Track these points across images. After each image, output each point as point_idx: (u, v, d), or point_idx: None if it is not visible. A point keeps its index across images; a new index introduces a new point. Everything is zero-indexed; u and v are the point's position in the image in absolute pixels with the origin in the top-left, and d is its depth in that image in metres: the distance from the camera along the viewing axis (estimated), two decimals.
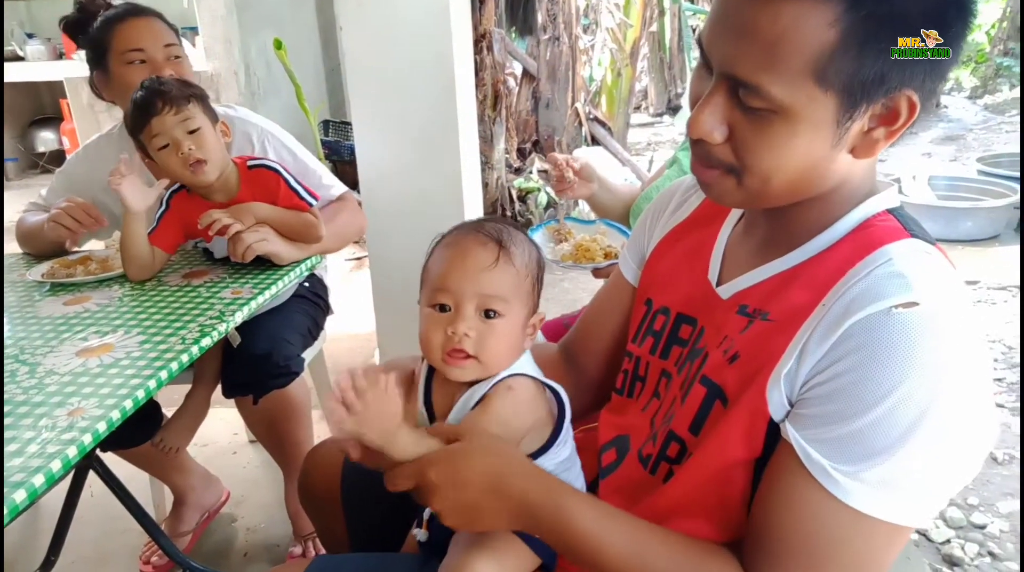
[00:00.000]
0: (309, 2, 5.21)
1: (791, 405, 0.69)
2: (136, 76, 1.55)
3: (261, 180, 1.46)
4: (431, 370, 0.90)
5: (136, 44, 1.57)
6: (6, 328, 1.26)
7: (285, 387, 1.59)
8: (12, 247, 1.75)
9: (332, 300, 1.96)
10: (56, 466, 0.87)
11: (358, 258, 3.96)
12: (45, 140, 6.20)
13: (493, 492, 0.72)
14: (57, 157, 6.12)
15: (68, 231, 1.50)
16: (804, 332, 0.68)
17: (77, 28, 1.66)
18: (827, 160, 0.67)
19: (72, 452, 0.89)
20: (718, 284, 0.82)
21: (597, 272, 1.29)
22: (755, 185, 0.70)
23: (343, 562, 0.93)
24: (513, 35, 4.66)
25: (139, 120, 1.37)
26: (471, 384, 0.84)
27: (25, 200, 1.80)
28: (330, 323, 1.97)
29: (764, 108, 0.65)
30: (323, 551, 1.76)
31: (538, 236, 1.38)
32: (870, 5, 0.60)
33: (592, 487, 0.92)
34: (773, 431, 0.70)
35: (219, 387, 1.64)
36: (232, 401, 1.62)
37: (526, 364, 0.86)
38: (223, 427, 2.34)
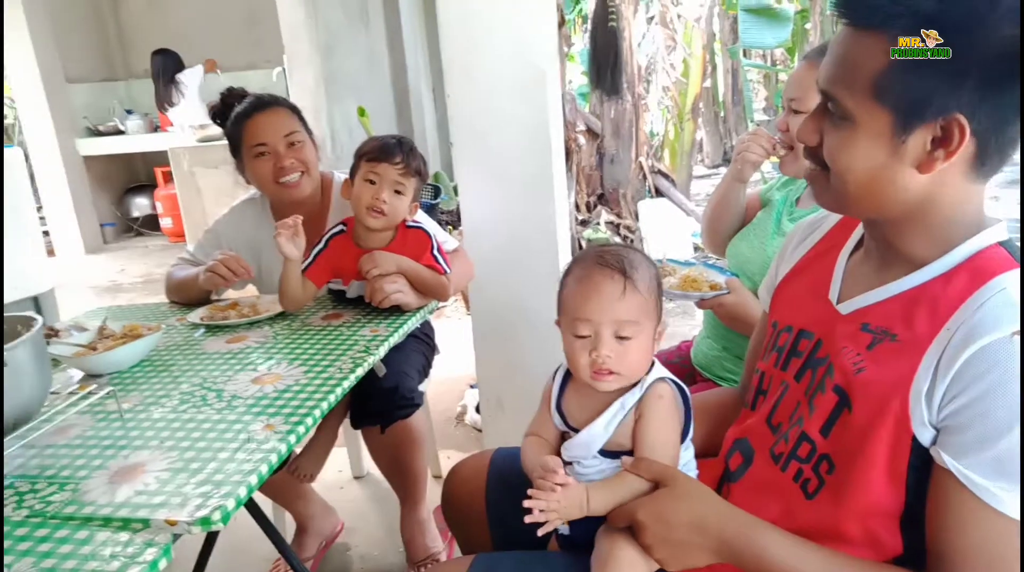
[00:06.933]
0: (385, 72, 5.57)
1: (935, 428, 0.78)
2: (262, 167, 1.78)
3: (414, 239, 1.65)
4: (564, 381, 1.05)
5: (259, 139, 1.78)
6: (185, 365, 1.45)
7: (408, 417, 1.74)
8: (160, 297, 1.97)
9: None
10: (264, 469, 1.02)
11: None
12: (140, 206, 6.69)
13: (695, 531, 0.87)
14: (150, 221, 6.58)
15: (223, 280, 1.70)
16: (933, 354, 0.78)
17: (219, 116, 1.89)
18: (891, 171, 0.80)
19: (274, 458, 1.05)
20: (838, 302, 0.93)
21: (702, 302, 1.40)
22: (836, 184, 0.84)
23: (501, 559, 1.06)
24: (596, 96, 4.93)
25: (374, 154, 1.58)
26: (618, 393, 0.98)
27: (126, 261, 2.02)
28: None
29: (839, 115, 0.81)
30: None
31: None
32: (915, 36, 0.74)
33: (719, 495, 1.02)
34: (916, 448, 0.79)
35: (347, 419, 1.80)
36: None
37: (658, 367, 1.01)
38: (329, 464, 2.48)
